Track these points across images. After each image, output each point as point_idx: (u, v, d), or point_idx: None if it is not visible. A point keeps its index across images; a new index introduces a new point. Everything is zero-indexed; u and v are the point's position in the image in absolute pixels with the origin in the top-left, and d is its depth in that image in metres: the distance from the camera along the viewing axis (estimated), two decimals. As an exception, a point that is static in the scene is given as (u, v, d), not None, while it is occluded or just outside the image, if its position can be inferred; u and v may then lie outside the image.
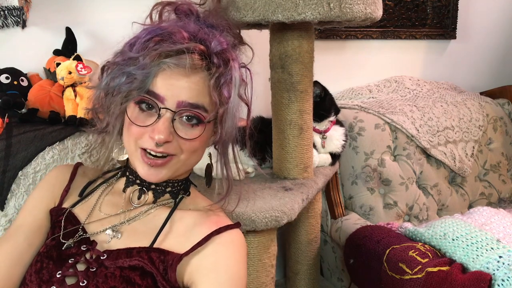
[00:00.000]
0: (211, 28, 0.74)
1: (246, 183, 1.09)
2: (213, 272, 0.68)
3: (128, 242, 0.73)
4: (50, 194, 0.80)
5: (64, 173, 0.83)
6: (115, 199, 0.80)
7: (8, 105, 1.06)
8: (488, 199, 1.70)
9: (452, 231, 1.08)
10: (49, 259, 0.71)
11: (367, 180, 1.47)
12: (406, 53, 1.86)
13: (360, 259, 1.16)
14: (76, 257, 0.71)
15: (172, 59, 0.67)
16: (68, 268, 0.70)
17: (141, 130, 0.70)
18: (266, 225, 0.90)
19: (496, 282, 0.91)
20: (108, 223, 0.76)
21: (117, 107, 0.71)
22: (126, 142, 0.73)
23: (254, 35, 1.23)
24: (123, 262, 0.69)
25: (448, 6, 1.87)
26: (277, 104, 1.10)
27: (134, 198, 0.78)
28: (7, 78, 1.10)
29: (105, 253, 0.70)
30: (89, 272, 0.69)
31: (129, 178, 0.79)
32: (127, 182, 0.79)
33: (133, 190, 0.78)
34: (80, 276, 0.68)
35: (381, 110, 1.57)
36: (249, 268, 0.97)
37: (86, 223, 0.76)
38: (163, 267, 0.68)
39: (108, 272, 0.69)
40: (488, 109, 1.77)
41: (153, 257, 0.69)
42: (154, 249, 0.70)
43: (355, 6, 0.93)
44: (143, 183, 0.77)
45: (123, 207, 0.78)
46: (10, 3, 1.14)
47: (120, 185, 0.81)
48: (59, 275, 0.69)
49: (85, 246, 0.72)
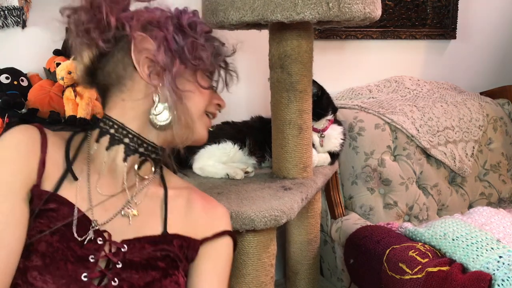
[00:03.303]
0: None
1: (246, 182, 1.09)
2: (218, 254, 0.77)
3: (140, 226, 0.70)
4: (25, 168, 0.65)
5: (33, 140, 0.68)
6: (109, 171, 0.72)
7: (8, 105, 1.06)
8: (488, 199, 1.69)
9: (452, 231, 1.08)
10: (65, 260, 0.62)
11: (367, 180, 1.47)
12: (406, 53, 1.86)
13: (360, 259, 1.16)
14: (96, 254, 0.64)
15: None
16: (94, 268, 0.63)
17: (210, 96, 0.79)
18: (265, 225, 0.90)
19: (496, 282, 0.91)
20: (112, 205, 0.70)
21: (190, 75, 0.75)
22: (195, 107, 0.76)
23: (254, 35, 1.24)
24: (149, 252, 0.68)
25: (448, 6, 1.87)
26: (277, 104, 1.10)
27: (135, 170, 0.73)
28: (7, 78, 1.11)
29: (124, 244, 0.66)
30: (117, 269, 0.64)
31: (129, 146, 0.71)
32: (127, 150, 0.71)
33: (134, 160, 0.73)
34: (110, 275, 0.63)
35: (381, 110, 1.57)
36: (249, 267, 0.97)
37: (87, 210, 0.67)
38: (184, 253, 0.73)
39: (138, 266, 0.66)
40: (488, 109, 1.77)
41: (175, 244, 0.71)
42: (174, 236, 0.72)
43: (354, 5, 0.93)
44: (147, 152, 0.73)
45: (122, 183, 0.72)
46: (10, 3, 1.14)
47: (101, 152, 0.72)
48: (85, 278, 0.62)
49: (100, 238, 0.65)
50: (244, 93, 1.57)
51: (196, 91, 0.75)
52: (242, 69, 1.75)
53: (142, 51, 0.70)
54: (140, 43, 0.70)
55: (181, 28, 0.73)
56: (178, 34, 0.72)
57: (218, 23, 1.00)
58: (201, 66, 0.75)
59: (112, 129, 0.72)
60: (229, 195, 0.99)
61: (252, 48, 1.54)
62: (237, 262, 0.98)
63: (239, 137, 1.20)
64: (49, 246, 0.62)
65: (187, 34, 0.73)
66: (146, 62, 0.71)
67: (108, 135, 0.71)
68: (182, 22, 0.74)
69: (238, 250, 0.97)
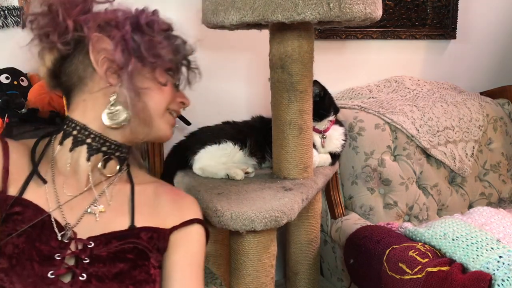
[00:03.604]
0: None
1: (246, 183, 1.09)
2: (188, 242, 0.79)
3: (107, 222, 0.72)
4: None
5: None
6: (73, 171, 0.74)
7: (8, 105, 1.06)
8: (488, 199, 1.69)
9: (452, 231, 1.08)
10: (31, 259, 0.63)
11: (367, 180, 1.47)
12: (406, 53, 1.86)
13: (360, 259, 1.16)
14: (62, 252, 0.66)
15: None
16: (60, 266, 0.65)
17: (173, 94, 0.81)
18: (265, 225, 0.90)
19: (496, 282, 0.91)
20: (78, 204, 0.72)
21: (149, 72, 0.76)
22: (155, 105, 0.77)
23: (254, 35, 1.24)
24: (116, 246, 0.70)
25: (448, 6, 1.87)
26: (277, 104, 1.10)
27: (100, 169, 0.75)
28: (7, 78, 1.10)
29: (90, 241, 0.68)
30: (84, 265, 0.66)
31: (92, 145, 0.73)
32: (89, 149, 0.73)
33: (98, 159, 0.75)
34: (77, 270, 0.65)
35: (381, 110, 1.57)
36: (249, 268, 0.97)
37: (52, 210, 0.69)
38: (154, 244, 0.74)
39: (105, 260, 0.68)
40: (488, 109, 1.77)
41: (143, 236, 0.73)
42: (141, 229, 0.74)
43: (355, 6, 0.93)
44: (110, 150, 0.75)
45: (87, 182, 0.74)
46: (10, 3, 1.14)
47: (64, 154, 0.73)
48: (52, 275, 0.63)
49: (67, 238, 0.67)
50: (244, 93, 1.57)
51: (155, 88, 0.77)
52: (242, 69, 1.76)
53: (100, 51, 0.72)
54: (97, 44, 0.72)
55: (139, 27, 0.75)
56: (136, 33, 0.74)
57: (219, 23, 1.00)
58: (159, 63, 0.76)
59: (75, 131, 0.73)
60: (229, 195, 0.99)
61: (252, 48, 1.55)
62: (237, 263, 0.98)
63: (239, 137, 1.20)
64: (15, 248, 0.64)
65: (144, 32, 0.75)
66: (104, 62, 0.72)
67: (71, 137, 0.73)
68: (140, 21, 0.75)
69: (238, 251, 0.97)
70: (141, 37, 0.74)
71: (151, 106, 0.76)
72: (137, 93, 0.73)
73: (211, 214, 0.93)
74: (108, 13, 0.75)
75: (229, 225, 0.90)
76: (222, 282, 0.98)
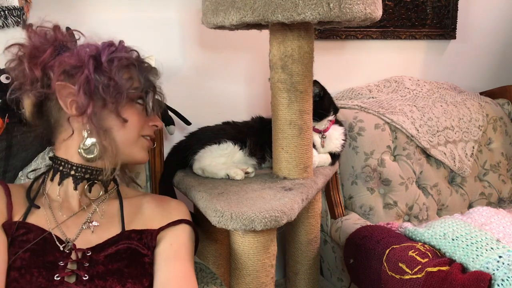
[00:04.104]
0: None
1: (246, 183, 1.09)
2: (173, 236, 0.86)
3: (101, 233, 0.83)
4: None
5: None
6: (65, 199, 0.85)
7: (8, 105, 1.06)
8: (488, 199, 1.70)
9: (452, 231, 1.08)
10: (38, 267, 0.73)
11: (367, 180, 1.47)
12: (406, 53, 1.86)
13: (360, 259, 1.16)
14: (64, 260, 0.76)
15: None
16: (64, 269, 0.74)
17: (143, 121, 0.87)
18: (265, 225, 0.90)
19: (496, 282, 0.91)
20: (73, 223, 0.83)
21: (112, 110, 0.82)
22: (124, 135, 0.85)
23: (254, 35, 1.24)
24: (111, 250, 0.79)
25: (448, 6, 1.87)
26: (277, 104, 1.10)
27: (86, 193, 0.86)
28: (8, 78, 1.10)
29: (89, 250, 0.79)
30: (86, 268, 0.76)
31: (76, 176, 0.84)
32: (75, 180, 0.84)
33: (84, 186, 0.86)
34: (79, 272, 0.75)
35: (381, 110, 1.57)
36: (249, 268, 0.97)
37: (52, 228, 0.80)
38: (144, 243, 0.83)
39: (103, 262, 0.78)
40: (488, 109, 1.77)
41: (134, 237, 0.83)
42: (131, 231, 0.84)
43: (355, 6, 0.93)
44: (92, 176, 0.86)
45: (79, 205, 0.85)
46: (10, 3, 1.14)
47: (54, 188, 0.85)
48: (57, 277, 0.73)
49: (68, 249, 0.78)
50: (244, 93, 1.57)
51: (119, 125, 0.84)
52: (242, 69, 1.76)
53: (67, 96, 0.80)
54: (62, 90, 0.80)
55: (100, 66, 0.81)
56: (97, 73, 0.80)
57: (219, 23, 1.00)
58: (119, 101, 0.82)
59: (61, 167, 0.84)
60: (229, 195, 0.99)
61: (252, 48, 1.55)
62: (237, 263, 0.98)
63: (239, 137, 1.20)
64: (22, 261, 0.74)
65: (104, 71, 0.81)
66: (72, 104, 0.80)
67: (58, 172, 0.84)
68: (101, 60, 0.81)
69: (239, 251, 0.97)
70: (101, 77, 0.80)
71: (118, 140, 0.84)
72: (102, 132, 0.81)
73: (211, 214, 0.93)
74: (74, 57, 0.81)
75: (229, 225, 0.90)
76: (222, 282, 0.98)
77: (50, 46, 0.82)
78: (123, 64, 0.83)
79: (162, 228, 0.86)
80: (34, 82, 0.81)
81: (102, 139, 0.82)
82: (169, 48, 1.42)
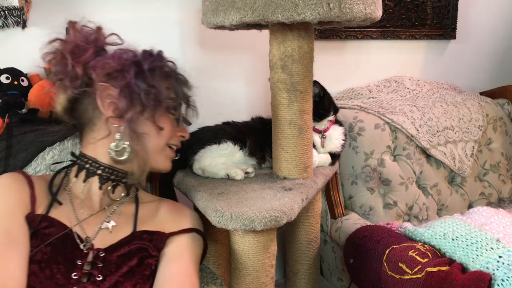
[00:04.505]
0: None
1: (246, 183, 1.09)
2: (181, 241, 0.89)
3: (116, 233, 0.84)
4: (20, 200, 0.80)
5: (20, 181, 0.83)
6: (87, 196, 0.86)
7: (8, 105, 1.06)
8: (488, 199, 1.70)
9: (452, 231, 1.08)
10: (58, 263, 0.76)
11: (367, 180, 1.47)
12: (406, 53, 1.86)
13: (360, 259, 1.16)
14: (82, 259, 0.78)
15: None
16: (81, 269, 0.77)
17: (173, 130, 0.91)
18: (265, 225, 0.90)
19: (495, 282, 0.91)
20: (93, 221, 0.84)
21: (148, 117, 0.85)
22: (153, 146, 0.87)
23: (254, 35, 1.24)
24: (123, 250, 0.82)
25: (448, 6, 1.87)
26: (277, 104, 1.10)
27: (109, 193, 0.88)
28: (8, 78, 1.10)
29: (102, 251, 0.81)
30: (99, 268, 0.78)
31: (102, 176, 0.86)
32: (101, 179, 0.86)
33: (108, 186, 0.87)
34: (93, 271, 0.77)
35: (381, 110, 1.57)
36: (249, 268, 0.97)
37: (74, 225, 0.82)
38: (154, 244, 0.85)
39: (116, 262, 0.80)
40: (488, 109, 1.77)
41: (146, 237, 0.85)
42: (142, 232, 0.86)
43: (355, 6, 0.93)
44: (118, 178, 0.87)
45: (100, 204, 0.87)
46: (10, 3, 1.14)
47: (78, 185, 0.86)
48: (75, 276, 0.76)
49: (86, 248, 0.80)
50: (244, 93, 1.57)
51: (154, 131, 0.87)
52: (242, 69, 1.76)
53: (106, 97, 0.82)
54: (103, 91, 0.82)
55: (142, 74, 0.83)
56: (139, 80, 0.83)
57: (219, 23, 1.00)
58: (158, 109, 0.85)
59: (87, 164, 0.86)
60: (229, 195, 0.99)
61: (252, 48, 1.55)
62: (237, 263, 0.98)
63: (239, 137, 1.20)
64: (43, 255, 0.76)
65: (146, 79, 0.84)
66: (110, 106, 0.83)
67: (84, 170, 0.86)
68: (143, 67, 0.84)
69: (239, 251, 0.97)
70: (143, 83, 0.82)
71: (149, 147, 0.86)
72: (136, 137, 0.83)
73: (211, 214, 0.93)
74: (116, 59, 0.83)
75: (229, 225, 0.90)
76: (222, 282, 0.99)
77: (92, 47, 0.84)
78: (164, 74, 0.87)
79: (173, 233, 0.88)
80: (74, 79, 0.83)
81: (134, 143, 0.84)
82: (169, 48, 1.42)
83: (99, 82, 0.81)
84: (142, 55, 0.86)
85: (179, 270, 0.83)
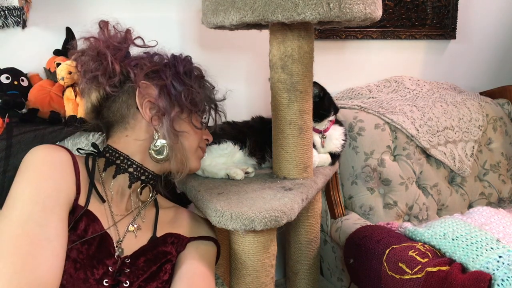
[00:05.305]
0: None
1: (246, 183, 1.09)
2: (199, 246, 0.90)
3: (139, 238, 0.84)
4: (65, 185, 0.74)
5: (66, 160, 0.77)
6: (117, 195, 0.85)
7: (8, 105, 1.06)
8: (488, 199, 1.70)
9: (452, 231, 1.08)
10: (92, 267, 0.74)
11: (367, 180, 1.47)
12: (406, 53, 1.87)
13: (360, 259, 1.16)
14: (114, 265, 0.77)
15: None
16: (113, 276, 0.76)
17: (201, 133, 0.93)
18: (265, 225, 0.90)
19: (496, 282, 0.91)
20: (122, 224, 0.84)
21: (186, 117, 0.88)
22: (190, 145, 0.90)
23: (254, 35, 1.24)
24: (149, 255, 0.82)
25: (448, 6, 1.87)
26: (277, 104, 1.10)
27: (138, 194, 0.87)
28: (7, 78, 1.10)
29: (128, 258, 0.80)
30: (127, 273, 0.78)
31: (133, 174, 0.84)
32: (131, 177, 0.84)
33: (137, 186, 0.87)
34: (121, 278, 0.77)
35: (381, 110, 1.57)
36: (249, 268, 0.97)
37: (110, 227, 0.80)
38: (176, 247, 0.87)
39: (142, 267, 0.80)
40: (487, 109, 1.77)
41: (168, 240, 0.86)
42: (166, 235, 0.87)
43: (355, 6, 0.93)
44: (147, 179, 0.87)
45: (128, 204, 0.86)
46: (10, 3, 1.14)
47: (107, 180, 0.83)
48: (106, 283, 0.74)
49: (117, 255, 0.79)
50: (244, 93, 1.57)
51: (191, 131, 0.90)
52: (242, 69, 1.76)
53: (145, 96, 0.83)
54: (144, 90, 0.83)
55: (178, 76, 0.86)
56: (176, 82, 0.85)
57: (219, 23, 1.00)
58: (195, 110, 0.88)
59: (118, 160, 0.83)
60: (229, 195, 0.99)
61: (252, 48, 1.55)
62: (237, 263, 0.98)
63: (239, 137, 1.20)
64: (79, 254, 0.73)
65: (183, 81, 0.86)
66: (148, 105, 0.83)
67: (115, 165, 0.83)
68: (179, 70, 0.87)
69: (239, 251, 0.97)
70: (181, 85, 0.85)
71: (186, 146, 0.88)
72: (175, 135, 0.84)
73: (211, 214, 0.93)
74: (150, 59, 0.86)
75: (229, 225, 0.90)
76: (223, 282, 0.99)
77: (125, 47, 0.86)
78: (199, 77, 0.90)
79: (193, 239, 0.90)
80: (112, 77, 0.83)
81: (173, 142, 0.84)
82: (169, 48, 1.42)
83: (142, 81, 0.82)
84: (175, 58, 0.89)
85: (197, 271, 0.84)
